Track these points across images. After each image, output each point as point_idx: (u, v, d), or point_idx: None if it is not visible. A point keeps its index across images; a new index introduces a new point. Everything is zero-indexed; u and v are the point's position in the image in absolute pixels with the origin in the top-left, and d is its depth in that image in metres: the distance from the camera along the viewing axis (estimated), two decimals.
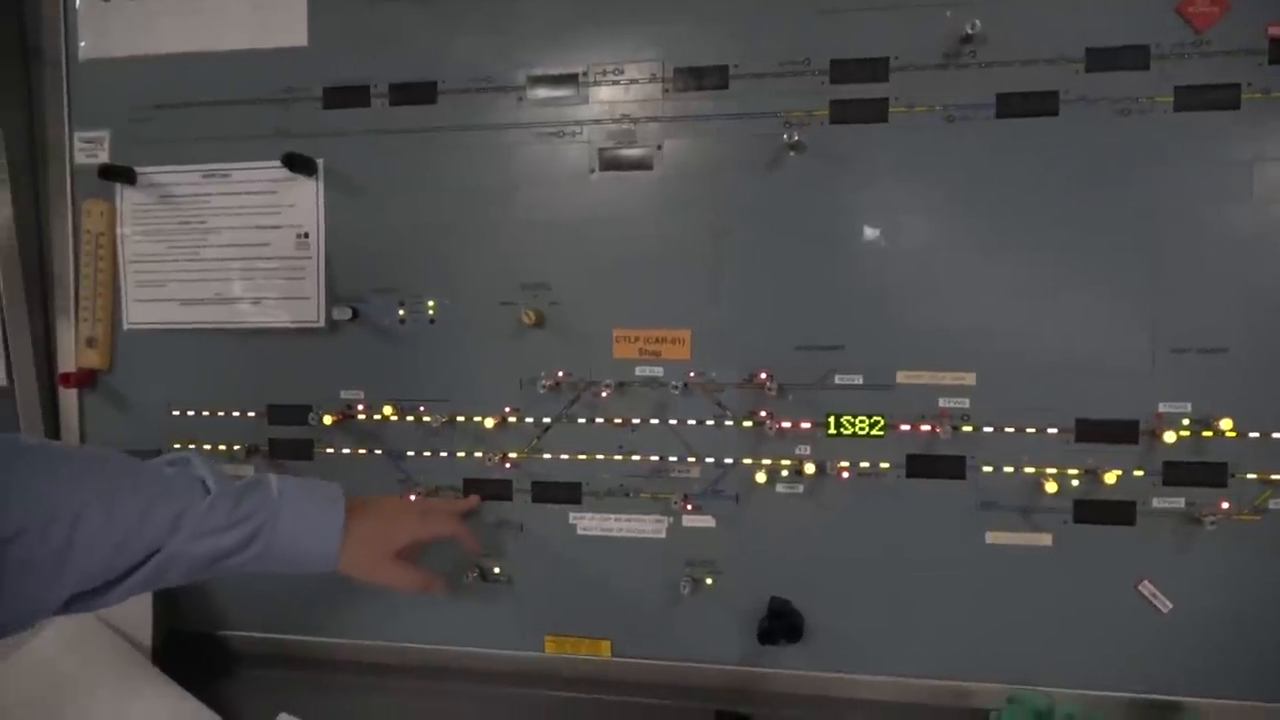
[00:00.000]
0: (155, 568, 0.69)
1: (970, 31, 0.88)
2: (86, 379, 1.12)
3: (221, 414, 1.10)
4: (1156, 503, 0.90)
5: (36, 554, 0.62)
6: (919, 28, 0.92)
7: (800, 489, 0.97)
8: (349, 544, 0.81)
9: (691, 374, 0.98)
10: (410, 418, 1.05)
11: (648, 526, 1.01)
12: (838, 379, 0.95)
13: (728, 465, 0.98)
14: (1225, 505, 0.89)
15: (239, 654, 1.12)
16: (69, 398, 1.13)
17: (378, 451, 1.06)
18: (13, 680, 1.02)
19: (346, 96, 1.04)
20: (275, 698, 1.06)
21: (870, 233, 0.94)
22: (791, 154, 0.94)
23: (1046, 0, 0.89)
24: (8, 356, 1.13)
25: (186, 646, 1.11)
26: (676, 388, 0.96)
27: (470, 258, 1.02)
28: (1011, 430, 0.92)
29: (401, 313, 1.04)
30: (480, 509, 1.03)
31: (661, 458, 1.00)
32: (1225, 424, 0.88)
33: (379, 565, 0.84)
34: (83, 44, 1.10)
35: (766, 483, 0.97)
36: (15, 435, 0.68)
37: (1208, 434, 0.89)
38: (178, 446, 1.10)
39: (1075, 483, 0.91)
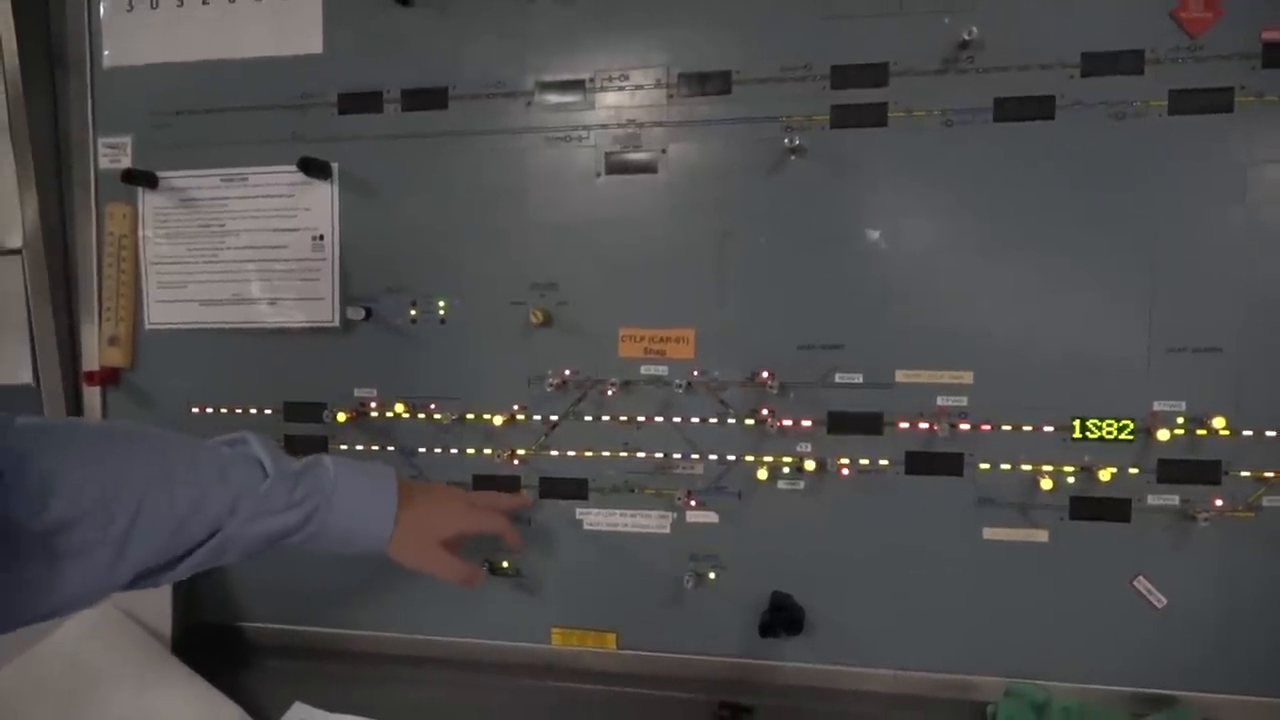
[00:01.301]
0: (214, 547, 0.71)
1: (968, 37, 0.89)
2: (110, 377, 1.15)
3: (239, 411, 1.13)
4: (1151, 500, 0.92)
5: (99, 537, 0.63)
6: (918, 34, 0.93)
7: (801, 485, 0.99)
8: (399, 529, 0.82)
9: (695, 373, 1.00)
10: (421, 415, 1.07)
11: (652, 522, 1.03)
12: (838, 378, 0.97)
13: (730, 462, 1.00)
14: (1219, 502, 0.90)
15: (256, 644, 1.15)
16: (93, 395, 1.16)
17: (390, 448, 1.09)
18: (36, 670, 1.05)
19: (360, 102, 1.07)
20: (291, 687, 1.08)
21: (871, 235, 0.96)
22: (793, 158, 0.96)
23: (1042, 6, 0.91)
24: (34, 355, 1.16)
25: (205, 637, 1.14)
26: (680, 386, 0.98)
27: (480, 259, 1.05)
28: (1008, 428, 0.94)
29: (413, 312, 1.07)
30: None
31: (666, 455, 1.02)
32: (1219, 422, 0.89)
33: (426, 552, 0.85)
34: (106, 52, 1.14)
35: (768, 479, 0.99)
36: (75, 420, 0.69)
37: (1202, 432, 0.90)
38: None
39: (1071, 480, 0.93)
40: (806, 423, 0.98)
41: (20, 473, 0.61)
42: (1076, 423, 0.93)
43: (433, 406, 1.07)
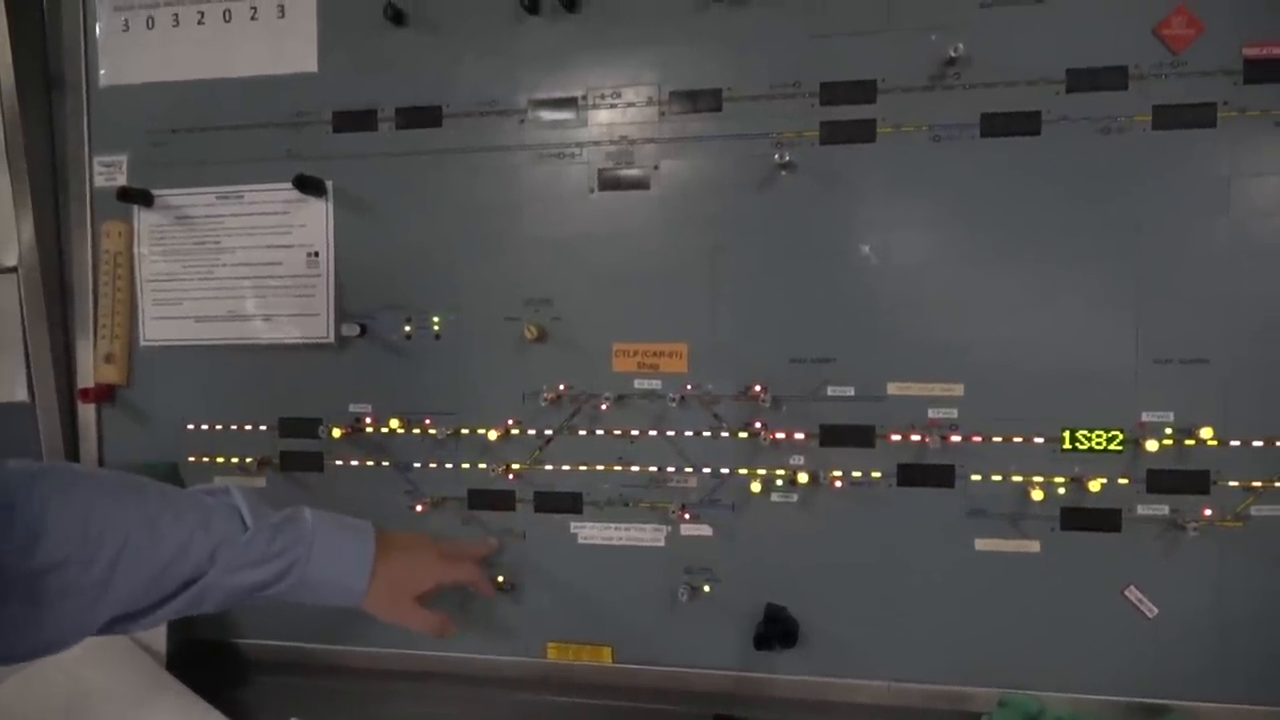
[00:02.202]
0: (193, 596, 0.71)
1: (954, 54, 0.91)
2: (105, 394, 1.15)
3: (234, 427, 1.13)
4: (1141, 510, 0.92)
5: (80, 580, 0.64)
6: (905, 51, 0.95)
7: (794, 498, 0.99)
8: (375, 584, 0.83)
9: (688, 386, 1.01)
10: (416, 430, 1.08)
11: (647, 535, 1.03)
12: (830, 391, 0.98)
13: (724, 475, 1.01)
14: (1208, 512, 0.91)
15: (251, 661, 1.15)
16: (88, 412, 1.16)
17: (385, 463, 1.09)
18: (29, 688, 1.04)
19: (355, 120, 1.08)
20: (286, 704, 1.08)
21: (862, 249, 0.97)
22: (783, 173, 0.97)
23: (1027, 23, 0.92)
24: (29, 373, 1.17)
25: (200, 654, 1.14)
26: (674, 400, 0.99)
27: (474, 275, 1.06)
28: (999, 440, 0.95)
29: (408, 328, 1.08)
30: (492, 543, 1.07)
31: (660, 468, 1.03)
32: (1206, 432, 0.90)
33: (401, 607, 0.86)
34: (103, 71, 1.15)
35: (762, 492, 1.00)
36: (63, 463, 0.70)
37: (1190, 442, 0.91)
38: (192, 459, 1.14)
39: (1062, 490, 0.94)
40: (799, 435, 0.99)
41: (9, 515, 0.62)
42: (1066, 434, 0.93)
43: (428, 422, 1.07)
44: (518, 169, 1.04)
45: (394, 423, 1.08)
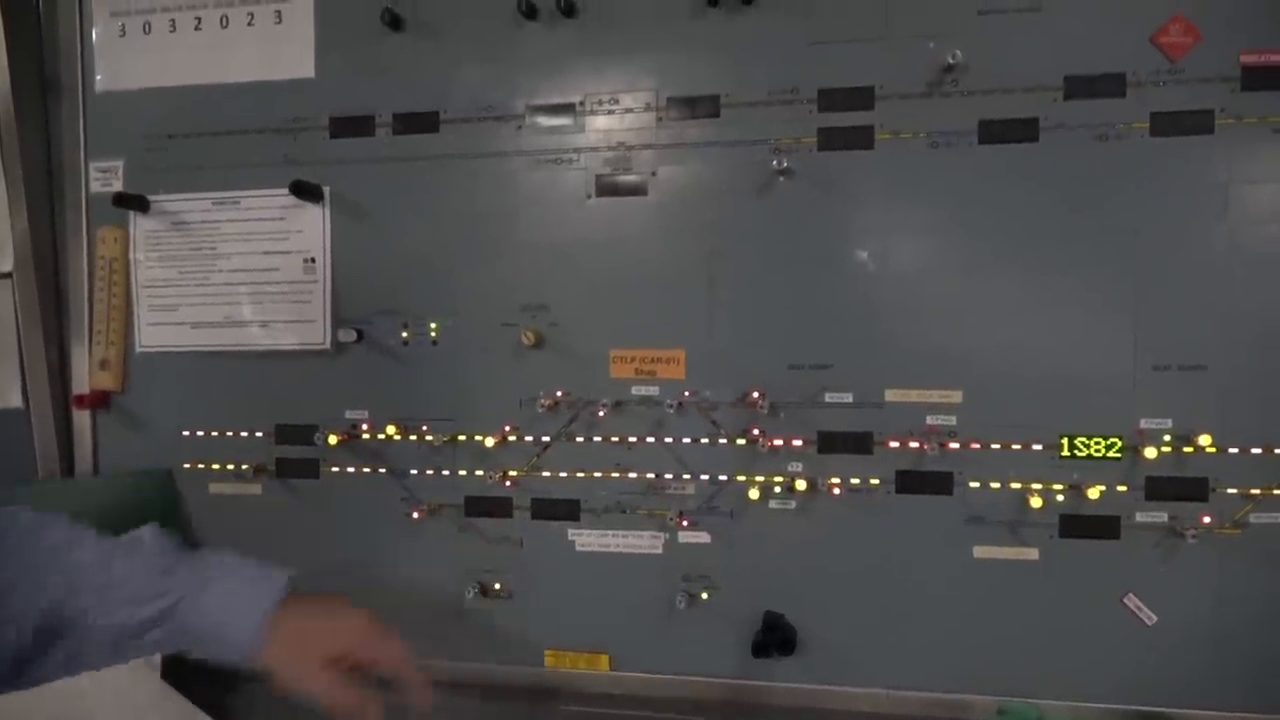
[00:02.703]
0: (64, 648, 0.67)
1: (952, 61, 0.91)
2: (100, 400, 1.15)
3: (230, 434, 1.13)
4: (1140, 517, 0.92)
5: None
6: (903, 58, 0.95)
7: (793, 505, 0.99)
8: (278, 638, 0.71)
9: (686, 393, 1.01)
10: (413, 437, 1.07)
11: (644, 542, 1.03)
12: (828, 397, 0.98)
13: (722, 482, 1.01)
14: (1207, 519, 0.91)
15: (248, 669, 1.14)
16: (83, 419, 1.16)
17: (381, 470, 1.09)
18: (22, 699, 1.04)
19: (352, 126, 1.08)
20: (282, 713, 1.07)
21: (859, 255, 0.97)
22: (781, 180, 0.97)
23: (1025, 30, 0.92)
24: (24, 379, 1.16)
25: (195, 662, 1.13)
26: (672, 406, 0.99)
27: (471, 280, 1.05)
28: (997, 447, 0.95)
29: (405, 334, 1.07)
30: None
31: (657, 475, 1.02)
32: (1205, 439, 0.90)
33: (304, 669, 0.72)
34: (99, 76, 1.15)
35: (760, 499, 0.99)
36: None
37: (1189, 449, 0.91)
38: (187, 466, 1.14)
39: (1060, 498, 0.93)
40: (797, 442, 0.98)
41: None
42: (1064, 441, 0.93)
43: (424, 428, 1.07)
44: (515, 174, 1.04)
45: (390, 429, 1.08)
